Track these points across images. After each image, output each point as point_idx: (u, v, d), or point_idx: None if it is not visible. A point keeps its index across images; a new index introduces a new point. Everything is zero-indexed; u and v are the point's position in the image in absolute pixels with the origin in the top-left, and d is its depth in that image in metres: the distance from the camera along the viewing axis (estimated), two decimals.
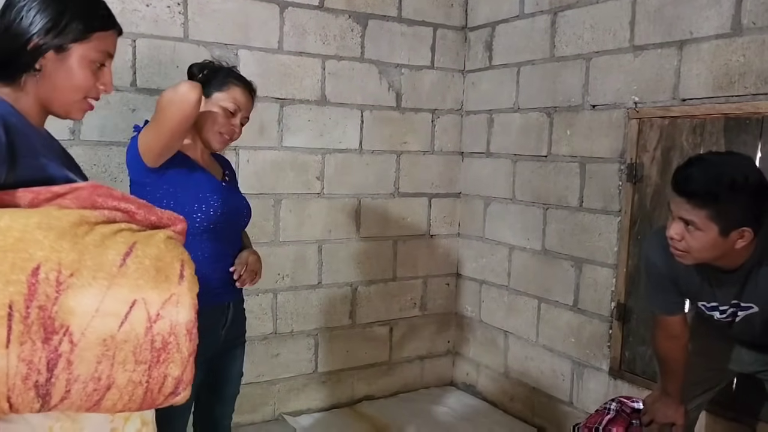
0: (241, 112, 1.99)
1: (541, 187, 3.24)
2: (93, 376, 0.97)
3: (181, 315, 1.03)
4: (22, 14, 1.18)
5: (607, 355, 2.90)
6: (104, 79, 1.28)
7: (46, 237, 0.97)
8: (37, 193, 1.07)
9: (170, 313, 1.02)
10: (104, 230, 1.04)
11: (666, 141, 2.62)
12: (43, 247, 0.96)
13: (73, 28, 1.21)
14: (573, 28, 3.03)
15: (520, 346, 3.41)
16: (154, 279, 1.02)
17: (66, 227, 1.00)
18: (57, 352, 0.94)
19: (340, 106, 3.32)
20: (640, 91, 2.72)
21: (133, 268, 1.01)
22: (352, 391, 3.54)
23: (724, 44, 2.41)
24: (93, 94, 1.28)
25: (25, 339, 0.93)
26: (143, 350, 0.99)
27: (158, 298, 1.01)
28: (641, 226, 2.73)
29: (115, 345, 0.97)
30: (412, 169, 3.61)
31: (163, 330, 1.01)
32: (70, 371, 0.95)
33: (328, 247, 3.38)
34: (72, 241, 0.98)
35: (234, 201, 2.03)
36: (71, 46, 1.21)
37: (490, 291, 3.61)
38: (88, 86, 1.26)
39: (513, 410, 3.46)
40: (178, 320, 1.02)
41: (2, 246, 0.95)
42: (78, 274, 0.97)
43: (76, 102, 1.27)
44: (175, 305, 1.03)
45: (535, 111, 3.27)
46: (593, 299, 2.97)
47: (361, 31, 3.34)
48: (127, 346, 0.98)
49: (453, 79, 3.70)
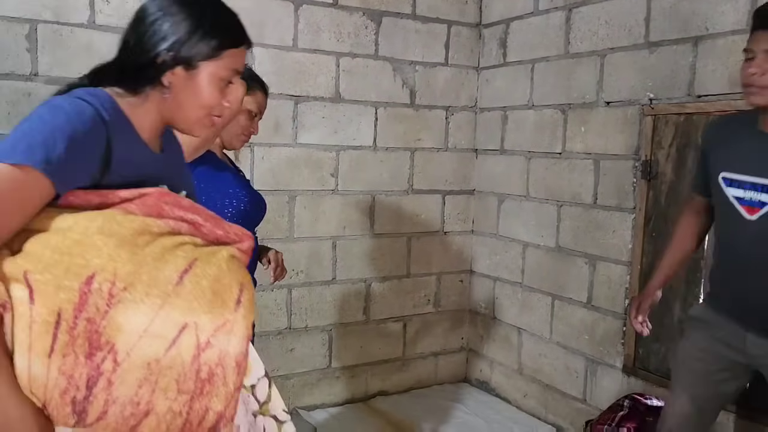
0: (260, 114, 2.05)
1: (555, 184, 3.23)
2: (132, 400, 0.91)
3: (232, 345, 0.95)
4: (154, 28, 1.13)
5: (621, 352, 2.89)
6: (231, 97, 1.22)
7: (105, 244, 0.92)
8: (105, 196, 1.01)
9: (221, 341, 0.95)
10: (166, 242, 0.98)
11: (681, 138, 2.61)
12: (101, 255, 0.91)
13: (205, 45, 1.15)
14: (588, 24, 3.01)
15: (533, 343, 3.41)
16: (209, 302, 0.95)
17: (127, 235, 0.95)
18: (99, 370, 0.89)
19: (354, 104, 3.33)
20: (655, 87, 2.71)
21: (188, 288, 0.94)
22: (366, 387, 3.56)
23: (740, 40, 2.39)
24: (218, 111, 1.21)
25: (69, 351, 0.88)
26: (187, 379, 0.92)
27: (210, 323, 0.94)
28: (656, 224, 2.72)
29: (159, 370, 0.91)
30: (426, 166, 3.62)
31: (210, 359, 0.94)
32: (109, 392, 0.90)
33: (342, 244, 3.39)
34: (131, 251, 0.93)
35: (255, 196, 2.08)
36: (201, 63, 1.15)
37: (504, 288, 3.61)
38: (214, 104, 1.19)
39: (526, 407, 3.46)
40: (228, 350, 0.95)
41: (59, 247, 0.91)
42: (132, 288, 0.91)
43: (200, 119, 1.20)
44: (228, 334, 0.95)
45: (549, 108, 3.26)
46: (607, 296, 2.96)
47: (375, 28, 3.35)
48: (172, 372, 0.92)
49: (467, 76, 3.70)
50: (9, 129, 2.70)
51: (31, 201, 0.95)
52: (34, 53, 2.58)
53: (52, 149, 0.95)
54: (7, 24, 2.53)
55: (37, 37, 2.59)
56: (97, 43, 2.68)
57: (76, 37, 2.65)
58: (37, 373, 0.87)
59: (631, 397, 2.63)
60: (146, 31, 1.13)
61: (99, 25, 2.68)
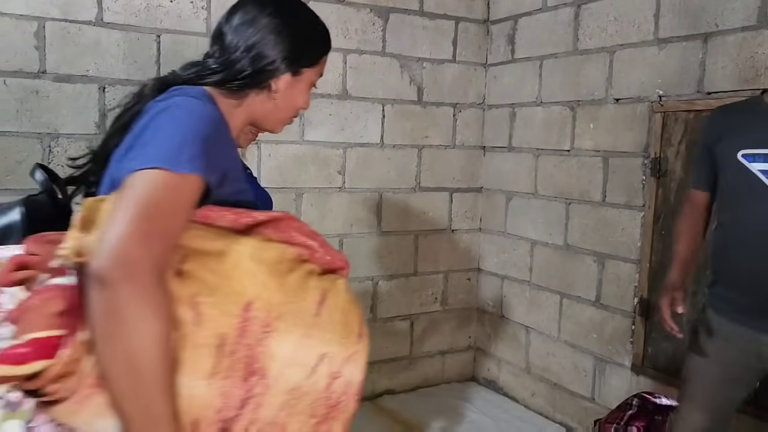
0: None
1: (564, 182, 3.22)
2: (271, 422, 0.94)
3: (355, 375, 0.99)
4: (269, 36, 1.18)
5: (630, 351, 2.87)
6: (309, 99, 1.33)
7: (258, 271, 0.95)
8: (239, 215, 1.01)
9: (349, 372, 0.99)
10: (300, 271, 1.00)
11: (691, 135, 2.59)
12: (255, 283, 0.94)
13: (311, 54, 1.25)
14: (597, 20, 3.00)
15: (541, 342, 3.40)
16: (340, 334, 0.99)
17: (272, 263, 0.97)
18: (251, 393, 0.92)
19: (361, 100, 3.33)
20: (664, 84, 2.69)
21: (325, 319, 0.98)
22: (373, 385, 3.55)
23: (750, 36, 2.37)
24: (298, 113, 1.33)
25: (229, 374, 0.91)
26: (319, 405, 0.97)
27: (341, 354, 0.98)
28: (665, 221, 2.70)
29: (299, 396, 0.95)
30: (434, 163, 3.61)
31: (338, 388, 0.98)
32: (256, 413, 0.93)
33: (349, 242, 3.39)
34: (278, 280, 0.96)
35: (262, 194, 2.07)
36: (305, 71, 1.24)
37: (512, 286, 3.60)
38: (305, 107, 1.30)
39: (534, 406, 3.45)
40: (352, 380, 0.99)
41: (219, 272, 0.93)
42: (283, 318, 0.94)
43: (288, 120, 1.32)
44: (354, 364, 1.00)
45: (557, 105, 3.25)
46: (616, 295, 2.95)
47: (382, 25, 3.34)
48: (308, 398, 0.96)
49: (475, 72, 3.69)
50: (18, 127, 2.72)
51: (193, 206, 0.96)
52: (42, 51, 2.59)
53: (203, 154, 0.96)
54: (16, 21, 2.54)
55: (45, 34, 2.59)
56: (104, 41, 2.68)
57: (84, 35, 2.66)
58: (197, 393, 0.90)
59: (639, 396, 2.62)
60: (261, 39, 1.18)
61: (107, 22, 2.68)
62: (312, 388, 0.96)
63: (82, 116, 2.68)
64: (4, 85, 2.54)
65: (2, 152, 2.56)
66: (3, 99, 2.54)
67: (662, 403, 2.56)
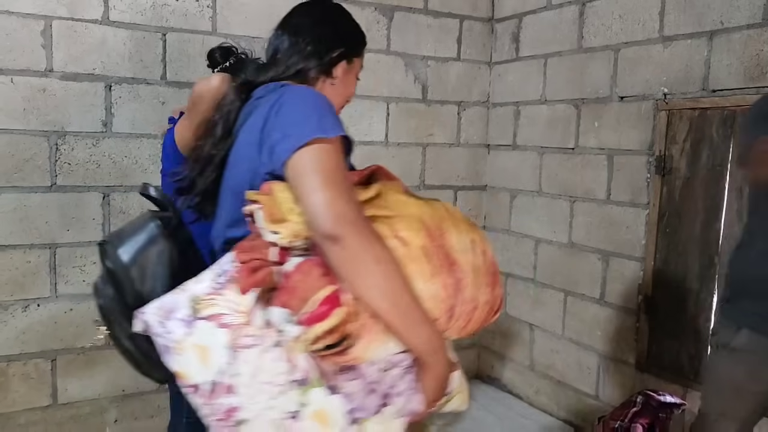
0: None
1: (568, 180, 3.22)
2: (469, 299, 1.18)
3: (488, 249, 1.25)
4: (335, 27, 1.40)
5: (634, 348, 2.88)
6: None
7: (406, 198, 1.21)
8: (353, 173, 1.28)
9: (487, 246, 1.25)
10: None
11: (696, 133, 2.59)
12: (412, 204, 1.20)
13: (358, 43, 1.46)
14: (601, 18, 3.00)
15: (545, 339, 3.41)
16: (468, 224, 1.25)
17: (405, 192, 1.25)
18: (457, 279, 1.16)
19: (366, 99, 3.33)
20: (669, 82, 2.69)
21: (457, 217, 1.25)
22: None
23: (755, 34, 2.37)
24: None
25: (440, 271, 1.14)
26: (488, 274, 1.22)
27: (477, 236, 1.24)
28: (669, 220, 2.70)
29: (477, 271, 1.19)
30: (438, 161, 3.61)
31: (489, 259, 1.24)
32: (462, 296, 1.17)
33: None
34: (417, 200, 1.23)
35: None
36: (356, 59, 1.44)
37: (516, 284, 3.60)
38: (352, 95, 1.49)
39: (538, 403, 3.46)
40: (489, 252, 1.25)
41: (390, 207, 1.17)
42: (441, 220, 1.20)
43: (341, 105, 1.44)
44: (486, 242, 1.25)
45: (562, 103, 3.25)
46: (620, 292, 2.95)
47: (387, 23, 3.35)
48: (481, 271, 1.20)
49: (479, 71, 3.69)
50: (25, 124, 2.73)
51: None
52: (49, 49, 2.60)
53: (337, 118, 1.18)
54: (23, 20, 2.55)
55: (52, 33, 2.60)
56: (111, 39, 2.69)
57: (91, 33, 2.67)
58: (433, 293, 1.13)
59: (643, 394, 2.62)
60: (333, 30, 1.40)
61: (113, 21, 2.69)
62: (480, 263, 1.20)
63: (88, 114, 2.69)
64: (12, 84, 2.56)
65: (10, 150, 2.58)
66: (10, 97, 2.56)
67: (666, 400, 2.56)
